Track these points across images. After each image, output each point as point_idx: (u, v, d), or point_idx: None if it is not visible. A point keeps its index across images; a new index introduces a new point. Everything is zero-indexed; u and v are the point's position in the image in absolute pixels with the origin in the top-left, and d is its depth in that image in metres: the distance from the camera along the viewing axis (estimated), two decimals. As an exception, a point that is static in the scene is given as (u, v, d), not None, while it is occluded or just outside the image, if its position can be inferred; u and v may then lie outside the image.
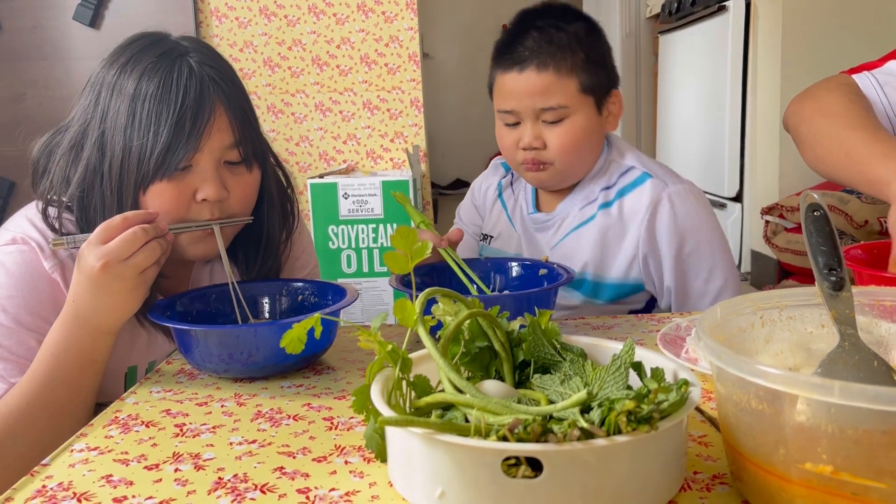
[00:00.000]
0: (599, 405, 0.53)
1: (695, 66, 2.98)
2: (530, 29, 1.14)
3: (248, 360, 0.82)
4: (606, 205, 1.16)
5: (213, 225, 0.93)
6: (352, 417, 0.72)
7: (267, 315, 0.97)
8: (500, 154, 1.36)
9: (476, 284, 1.00)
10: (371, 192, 2.12)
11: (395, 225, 2.14)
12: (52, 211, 0.94)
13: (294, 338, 0.64)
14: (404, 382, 0.62)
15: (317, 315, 0.63)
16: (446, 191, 5.22)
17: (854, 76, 1.18)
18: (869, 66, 1.19)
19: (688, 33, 3.04)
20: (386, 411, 0.54)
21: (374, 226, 2.14)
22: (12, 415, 0.87)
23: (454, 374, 0.59)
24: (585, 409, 0.53)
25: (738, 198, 2.65)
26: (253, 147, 0.95)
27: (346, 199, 2.13)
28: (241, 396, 0.79)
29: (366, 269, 2.17)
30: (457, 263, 1.00)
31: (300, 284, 0.97)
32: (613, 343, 0.69)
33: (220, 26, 2.34)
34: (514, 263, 1.05)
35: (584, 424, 0.49)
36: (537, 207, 1.25)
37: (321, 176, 2.19)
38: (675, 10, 3.18)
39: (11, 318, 0.90)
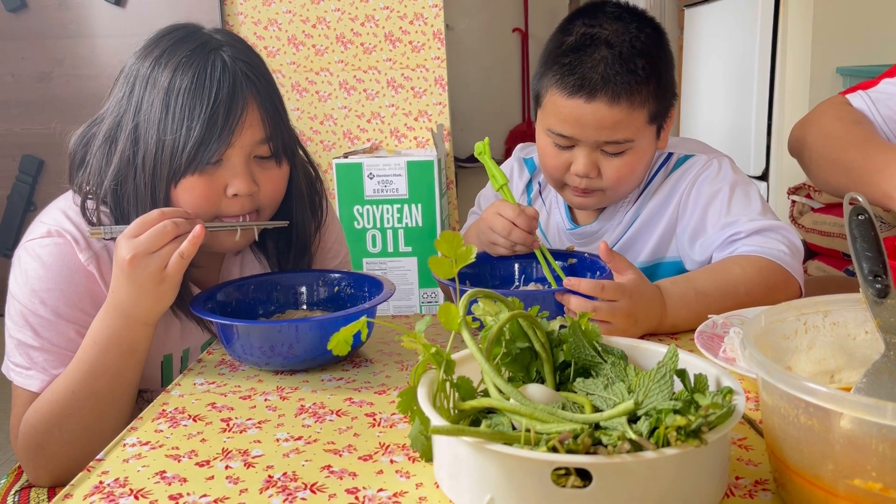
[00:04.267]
0: (646, 415, 0.54)
1: (722, 41, 2.94)
2: (599, 43, 0.99)
3: (289, 354, 0.84)
4: (650, 194, 1.11)
5: (251, 225, 0.94)
6: (393, 414, 0.74)
7: (304, 306, 0.99)
8: (523, 143, 1.31)
9: (555, 272, 1.00)
10: (396, 172, 2.13)
11: (419, 205, 2.15)
12: (89, 204, 0.95)
13: (341, 340, 0.65)
14: (448, 384, 0.63)
15: (363, 319, 0.64)
16: (466, 164, 5.21)
17: (848, 95, 1.20)
18: (864, 86, 1.20)
19: (715, 7, 2.99)
20: (435, 419, 0.55)
21: (398, 206, 2.15)
22: (58, 403, 0.89)
23: (500, 380, 0.60)
24: (632, 417, 0.54)
25: (763, 176, 2.63)
26: (283, 142, 0.96)
27: (370, 179, 2.14)
28: (284, 390, 0.81)
29: (391, 248, 2.18)
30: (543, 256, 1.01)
31: (337, 275, 0.99)
32: (653, 345, 0.69)
33: (245, 4, 2.33)
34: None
35: (634, 437, 0.50)
36: (574, 220, 1.18)
37: (345, 155, 2.19)
38: (702, -17, 3.12)
39: (51, 310, 0.92)
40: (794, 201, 2.36)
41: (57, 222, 0.95)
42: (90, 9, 2.35)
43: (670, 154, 1.12)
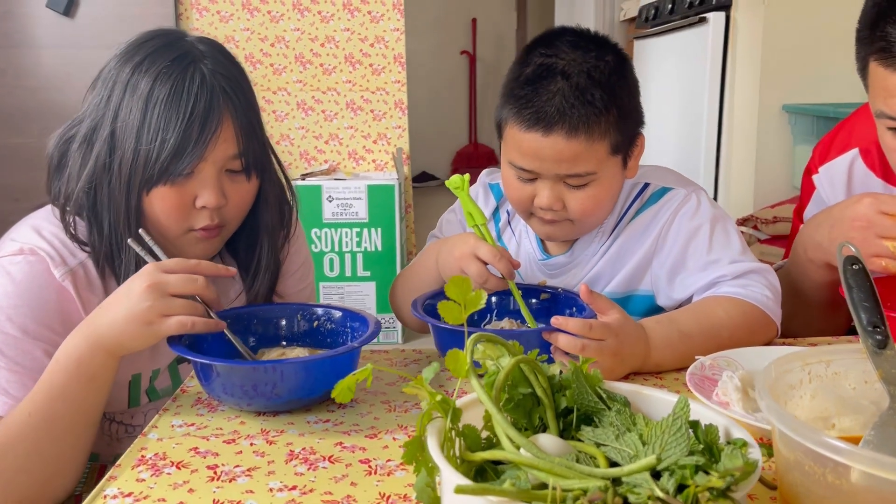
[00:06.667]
0: (668, 470, 0.53)
1: (670, 74, 3.02)
2: (556, 74, 0.97)
3: (273, 394, 0.80)
4: (625, 226, 1.10)
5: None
6: (389, 460, 0.72)
7: (284, 341, 0.96)
8: (491, 167, 1.28)
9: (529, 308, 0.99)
10: (356, 195, 2.10)
11: (379, 229, 2.13)
12: (68, 216, 0.94)
13: (344, 388, 0.62)
14: (454, 432, 0.62)
15: (369, 367, 0.62)
16: (413, 184, 5.21)
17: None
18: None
19: (664, 41, 3.07)
20: (456, 477, 0.54)
21: (358, 230, 2.12)
22: (14, 426, 0.85)
23: (513, 432, 0.58)
24: (652, 472, 0.54)
25: (711, 207, 2.70)
26: (255, 157, 0.97)
27: (330, 202, 2.11)
28: (269, 433, 0.78)
29: (348, 273, 2.15)
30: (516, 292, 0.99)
31: (319, 310, 0.96)
32: (655, 391, 0.69)
33: (201, 20, 2.28)
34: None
35: (661, 495, 0.49)
36: (545, 250, 1.16)
37: (303, 177, 2.16)
38: (652, 17, 3.21)
39: (18, 327, 0.89)
40: (741, 233, 2.44)
41: (29, 240, 0.93)
42: (37, 18, 2.26)
43: (646, 185, 1.11)
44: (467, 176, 1.02)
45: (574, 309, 1.00)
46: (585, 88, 0.97)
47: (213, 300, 0.85)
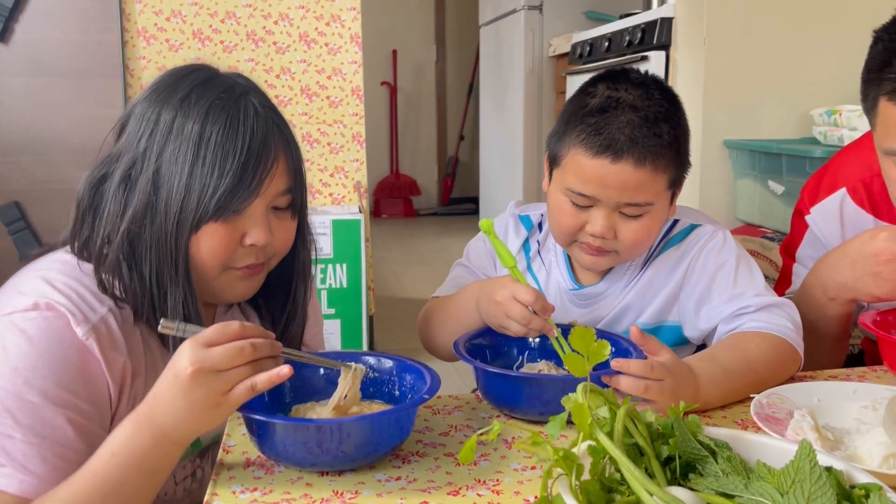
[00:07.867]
0: (828, 522, 0.53)
1: (608, 108, 3.10)
2: (625, 106, 1.00)
3: (339, 451, 0.76)
4: (656, 258, 1.12)
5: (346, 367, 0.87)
6: (486, 519, 0.68)
7: (316, 397, 0.91)
8: (518, 203, 1.27)
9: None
10: (321, 230, 2.05)
11: (345, 265, 2.08)
12: (86, 267, 0.87)
13: (468, 448, 0.59)
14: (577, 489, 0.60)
15: (497, 424, 0.59)
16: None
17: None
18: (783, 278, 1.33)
19: (602, 77, 3.16)
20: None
21: (322, 266, 2.07)
22: None
23: (656, 488, 0.57)
24: (810, 524, 0.53)
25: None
26: (301, 194, 0.94)
27: (293, 237, 2.04)
28: (343, 495, 0.73)
29: (312, 310, 2.08)
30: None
31: (370, 359, 0.92)
32: (754, 435, 0.69)
33: (149, 48, 2.19)
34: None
35: (844, 550, 0.49)
36: (577, 280, 1.16)
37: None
38: (587, 53, 3.30)
39: (37, 391, 0.80)
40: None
41: (43, 294, 0.84)
42: (-35, 43, 2.10)
43: (676, 221, 1.14)
44: (492, 220, 1.03)
45: (614, 349, 1.00)
46: (655, 121, 1.00)
47: (267, 353, 0.76)
